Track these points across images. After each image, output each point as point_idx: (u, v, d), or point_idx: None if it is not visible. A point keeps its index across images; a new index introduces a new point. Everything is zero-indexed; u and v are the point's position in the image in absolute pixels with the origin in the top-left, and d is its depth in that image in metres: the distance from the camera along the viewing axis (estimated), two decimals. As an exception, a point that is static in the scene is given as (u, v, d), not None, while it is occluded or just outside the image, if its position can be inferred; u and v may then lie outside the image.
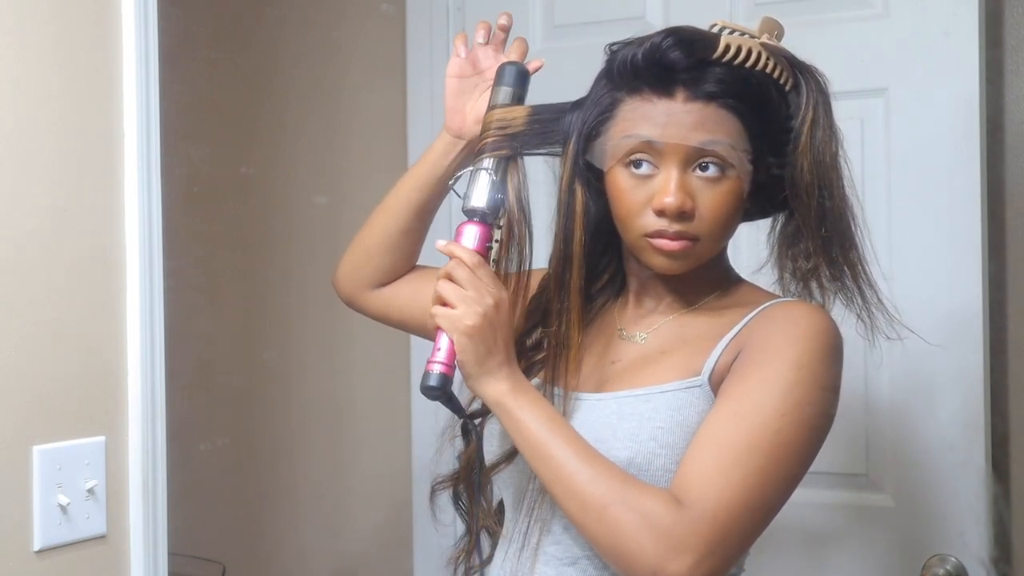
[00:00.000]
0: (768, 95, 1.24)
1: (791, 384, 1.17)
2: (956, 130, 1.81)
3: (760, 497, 1.15)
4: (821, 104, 1.25)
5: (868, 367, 1.84)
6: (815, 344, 1.20)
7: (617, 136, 1.24)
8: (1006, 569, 1.81)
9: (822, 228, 1.24)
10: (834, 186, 1.24)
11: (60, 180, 1.37)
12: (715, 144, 1.20)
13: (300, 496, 2.33)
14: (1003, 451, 1.83)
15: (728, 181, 1.22)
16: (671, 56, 1.20)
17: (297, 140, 2.32)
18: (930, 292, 1.79)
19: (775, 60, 1.24)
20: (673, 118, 1.21)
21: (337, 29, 2.33)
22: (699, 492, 1.13)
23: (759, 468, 1.14)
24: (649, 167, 1.22)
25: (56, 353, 1.36)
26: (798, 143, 1.23)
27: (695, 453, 1.16)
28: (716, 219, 1.22)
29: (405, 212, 1.46)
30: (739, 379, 1.19)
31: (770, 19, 1.25)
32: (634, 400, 1.23)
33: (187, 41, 2.09)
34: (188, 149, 2.04)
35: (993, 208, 1.82)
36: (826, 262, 1.25)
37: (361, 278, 1.50)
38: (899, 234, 1.85)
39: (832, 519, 1.19)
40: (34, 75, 1.34)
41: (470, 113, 1.41)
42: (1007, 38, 1.85)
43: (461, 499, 1.38)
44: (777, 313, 1.24)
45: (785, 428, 1.16)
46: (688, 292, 1.31)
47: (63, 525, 1.36)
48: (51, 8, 1.36)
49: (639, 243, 1.24)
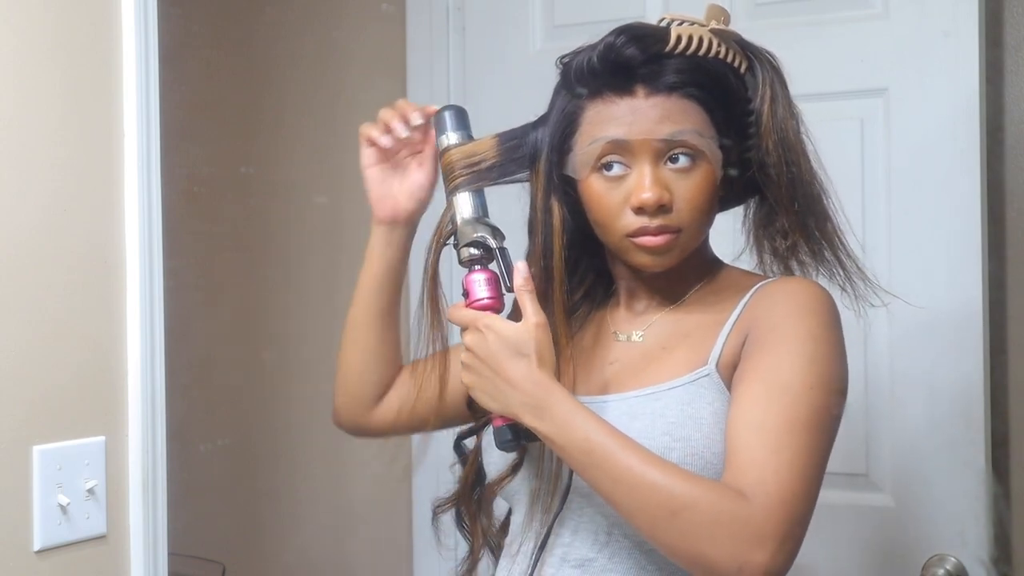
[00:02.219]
0: (725, 80, 1.25)
1: (810, 357, 1.18)
2: (956, 130, 1.81)
3: (812, 471, 1.16)
4: (777, 82, 1.26)
5: (868, 367, 1.84)
6: (821, 315, 1.21)
7: (585, 143, 1.24)
8: (1006, 569, 1.81)
9: (794, 203, 1.25)
10: (800, 161, 1.25)
11: (60, 180, 1.37)
12: (682, 134, 1.21)
13: (300, 496, 2.33)
14: (1003, 451, 1.82)
15: (700, 169, 1.23)
16: (627, 53, 1.21)
17: (297, 140, 2.32)
18: (930, 292, 1.79)
19: (726, 45, 1.25)
20: (638, 115, 1.22)
21: (337, 29, 2.33)
22: (758, 479, 1.12)
23: (804, 444, 1.15)
24: (621, 167, 1.23)
25: (56, 353, 1.36)
26: (760, 122, 1.24)
27: (739, 441, 1.16)
28: (694, 208, 1.23)
29: (373, 320, 1.44)
30: (757, 361, 1.19)
31: (715, 6, 1.26)
32: (643, 399, 1.23)
33: (187, 41, 2.09)
34: (188, 149, 2.04)
35: (993, 208, 1.82)
36: (803, 237, 1.26)
37: (358, 403, 1.47)
38: (899, 234, 1.85)
39: (832, 519, 1.19)
40: (34, 75, 1.34)
41: (400, 193, 1.41)
42: (1007, 38, 1.85)
43: (464, 520, 1.38)
44: (775, 290, 1.25)
45: (815, 399, 1.17)
46: (676, 285, 1.31)
47: (63, 525, 1.36)
48: (51, 8, 1.36)
49: (622, 244, 1.25)
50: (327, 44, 2.33)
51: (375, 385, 1.46)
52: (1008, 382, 1.83)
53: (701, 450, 1.19)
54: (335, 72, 2.33)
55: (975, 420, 1.79)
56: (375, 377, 1.46)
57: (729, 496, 1.12)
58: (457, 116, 1.35)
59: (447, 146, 1.33)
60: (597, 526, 1.23)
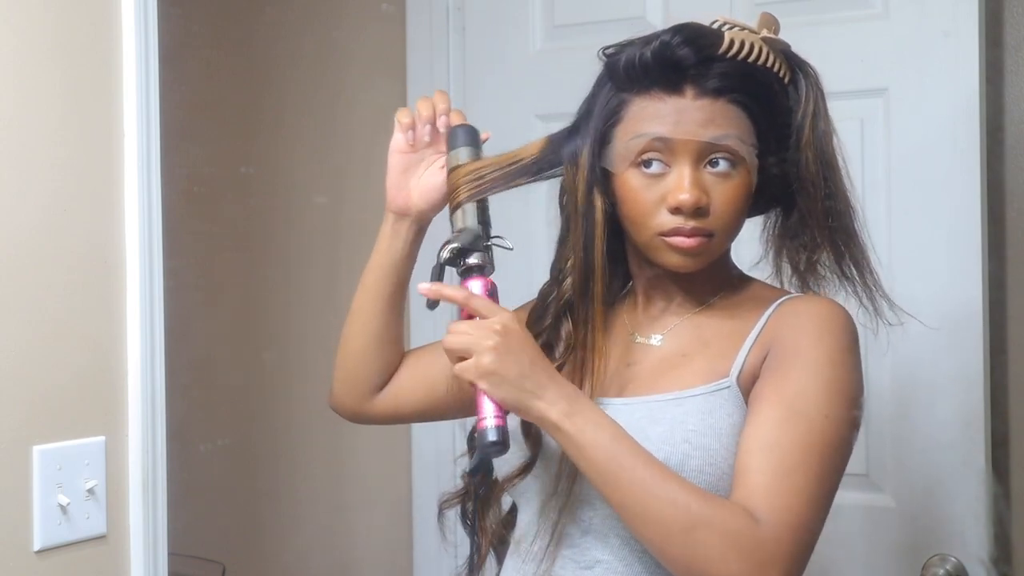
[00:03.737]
0: (771, 89, 1.25)
1: (828, 382, 1.19)
2: (956, 130, 1.81)
3: (823, 499, 1.18)
4: (820, 96, 1.26)
5: (869, 367, 1.84)
6: (841, 339, 1.22)
7: (626, 137, 1.24)
8: (1006, 569, 1.81)
9: (828, 218, 1.25)
10: (836, 178, 1.26)
11: (60, 180, 1.37)
12: (726, 139, 1.21)
13: (300, 496, 2.33)
14: (1003, 451, 1.83)
15: (738, 176, 1.23)
16: (680, 53, 1.21)
17: (297, 140, 2.32)
18: (930, 292, 1.79)
19: (775, 55, 1.25)
20: (684, 115, 1.21)
21: (337, 29, 2.33)
22: (770, 504, 1.13)
23: (817, 472, 1.16)
24: (660, 165, 1.23)
25: (56, 353, 1.36)
26: (801, 136, 1.24)
27: (752, 462, 1.16)
28: (729, 214, 1.23)
29: (379, 306, 1.43)
30: (777, 383, 1.20)
31: (768, 14, 1.27)
32: (664, 404, 1.23)
33: (187, 41, 2.08)
34: (188, 149, 2.03)
35: (993, 208, 1.82)
36: (833, 253, 1.26)
37: (360, 390, 1.46)
38: (899, 234, 1.85)
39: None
40: (34, 75, 1.34)
41: (414, 188, 1.39)
42: (1007, 38, 1.85)
43: (469, 517, 1.37)
44: (798, 309, 1.25)
45: (830, 427, 1.18)
46: (697, 290, 1.31)
47: (63, 525, 1.36)
48: (51, 8, 1.36)
49: (653, 242, 1.24)
50: (327, 44, 2.33)
51: (377, 372, 1.45)
52: (1008, 382, 1.83)
53: (719, 461, 1.19)
54: (335, 72, 2.33)
55: (975, 420, 1.79)
56: (377, 364, 1.45)
57: (743, 518, 1.13)
58: (471, 134, 1.34)
59: (455, 166, 1.33)
60: (608, 528, 1.23)
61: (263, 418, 2.31)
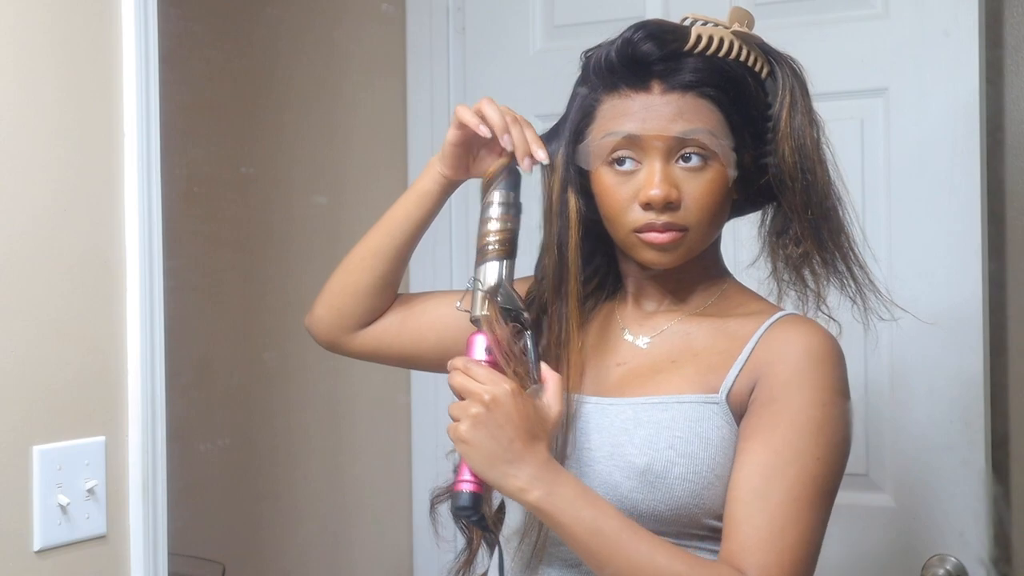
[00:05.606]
0: (744, 83, 1.25)
1: (819, 424, 1.19)
2: (956, 130, 1.81)
3: (814, 549, 1.18)
4: (797, 89, 1.26)
5: (868, 367, 1.84)
6: (830, 372, 1.21)
7: (599, 136, 1.25)
8: (1006, 569, 1.81)
9: (807, 211, 1.24)
10: (817, 170, 1.25)
11: (60, 180, 1.37)
12: (695, 133, 1.21)
13: (300, 496, 2.33)
14: (1003, 451, 1.83)
15: (711, 170, 1.23)
16: (643, 48, 1.21)
17: (297, 140, 2.32)
18: (930, 292, 1.79)
19: (748, 48, 1.25)
20: (651, 111, 1.22)
21: (337, 29, 2.33)
22: (763, 561, 1.14)
23: (809, 521, 1.17)
24: (632, 163, 1.23)
25: (56, 353, 1.36)
26: (778, 128, 1.24)
27: (742, 513, 1.16)
28: (702, 208, 1.23)
29: (393, 250, 1.40)
30: (766, 425, 1.19)
31: (740, 8, 1.27)
32: (650, 407, 1.23)
33: (187, 41, 2.08)
34: (188, 149, 2.03)
35: (993, 208, 1.82)
36: (816, 246, 1.25)
37: (346, 323, 1.44)
38: (899, 234, 1.85)
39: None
40: (34, 75, 1.34)
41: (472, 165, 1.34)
42: (1007, 38, 1.85)
43: None
44: (788, 337, 1.23)
45: (822, 471, 1.18)
46: (687, 293, 1.31)
47: (63, 525, 1.36)
48: (51, 8, 1.36)
49: (629, 239, 1.25)
50: (327, 44, 2.33)
51: (369, 311, 1.43)
52: (1008, 382, 1.83)
53: (704, 470, 1.19)
54: (335, 72, 2.33)
55: (975, 420, 1.79)
56: (372, 303, 1.43)
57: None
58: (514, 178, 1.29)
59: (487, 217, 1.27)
60: None
61: (263, 418, 2.31)
